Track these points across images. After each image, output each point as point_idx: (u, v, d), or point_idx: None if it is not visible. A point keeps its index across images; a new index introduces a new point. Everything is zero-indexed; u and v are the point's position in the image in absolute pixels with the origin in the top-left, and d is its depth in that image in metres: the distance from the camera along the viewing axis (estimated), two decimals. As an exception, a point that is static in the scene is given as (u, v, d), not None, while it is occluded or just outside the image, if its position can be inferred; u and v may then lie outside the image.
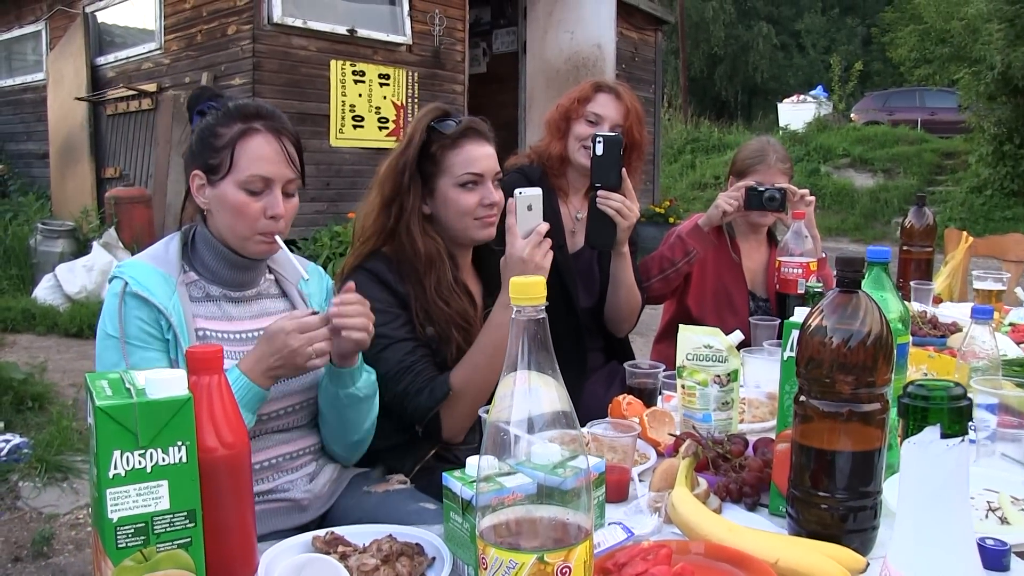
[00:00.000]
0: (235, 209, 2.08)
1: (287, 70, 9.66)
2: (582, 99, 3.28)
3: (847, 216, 18.21)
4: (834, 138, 21.38)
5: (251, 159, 2.07)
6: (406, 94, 10.62)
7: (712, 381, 2.11)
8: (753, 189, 3.44)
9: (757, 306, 3.59)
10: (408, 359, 2.39)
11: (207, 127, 2.12)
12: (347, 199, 9.86)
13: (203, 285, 2.15)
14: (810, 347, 1.48)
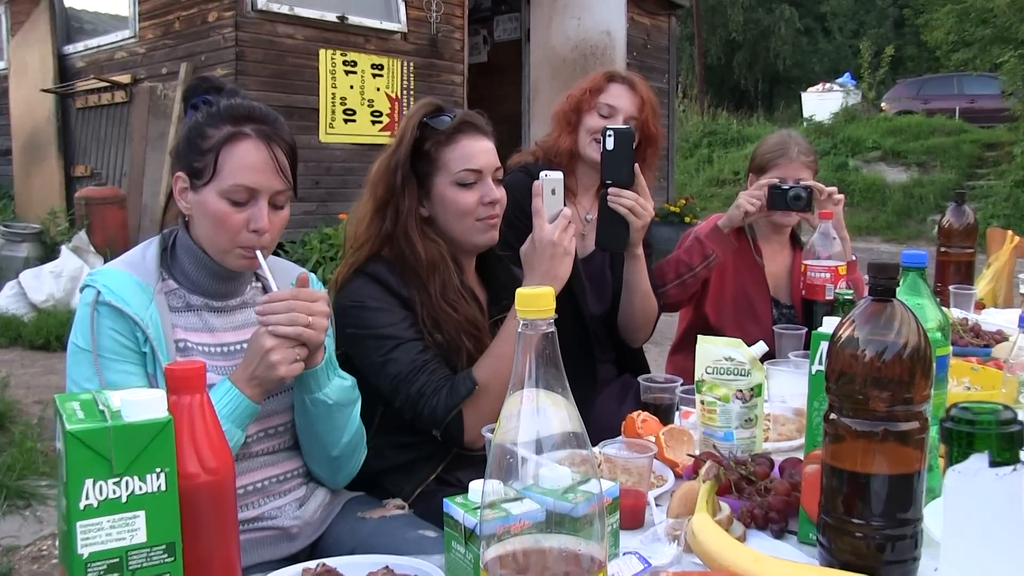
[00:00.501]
0: (215, 219, 2.07)
1: (272, 60, 9.66)
2: (594, 89, 3.30)
3: (878, 214, 18.16)
4: (863, 129, 21.31)
5: (236, 167, 2.06)
6: (401, 85, 10.63)
7: (734, 396, 2.10)
8: (777, 187, 3.44)
9: (781, 314, 3.59)
10: (421, 358, 2.40)
11: (195, 126, 2.11)
12: (338, 199, 9.87)
13: (183, 294, 2.14)
14: (841, 360, 1.47)
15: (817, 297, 3.22)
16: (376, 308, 2.44)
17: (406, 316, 2.45)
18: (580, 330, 3.17)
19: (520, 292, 1.19)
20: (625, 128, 2.98)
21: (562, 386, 1.22)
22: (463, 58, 11.40)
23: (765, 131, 23.52)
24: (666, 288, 3.44)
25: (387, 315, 2.43)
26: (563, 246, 2.37)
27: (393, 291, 2.46)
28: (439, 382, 2.38)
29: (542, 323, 1.20)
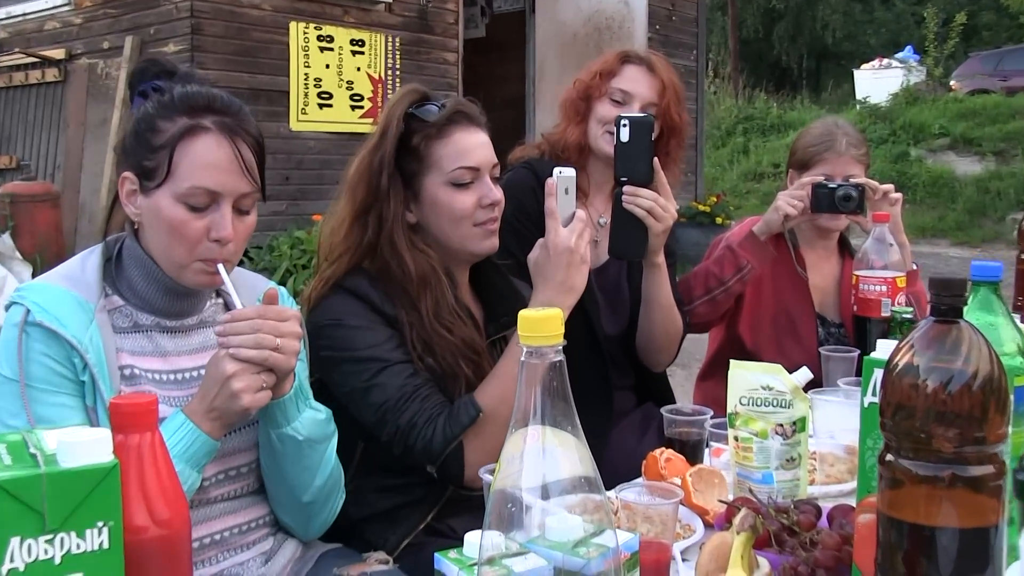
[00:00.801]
0: (171, 227, 2.07)
1: (235, 34, 9.67)
2: (606, 73, 3.30)
3: (946, 212, 18.02)
4: (928, 113, 21.18)
5: (195, 166, 2.05)
6: (385, 65, 10.66)
7: (773, 432, 2.10)
8: (822, 186, 3.44)
9: (828, 334, 3.59)
10: (411, 382, 2.40)
11: (145, 117, 2.11)
12: (311, 196, 9.88)
13: (130, 312, 2.14)
14: (898, 392, 1.46)
15: (871, 314, 3.20)
16: (356, 327, 2.44)
17: (391, 335, 2.45)
18: (594, 353, 3.18)
19: (524, 315, 1.19)
20: (642, 116, 2.98)
21: (572, 423, 1.22)
22: (457, 33, 11.43)
23: (811, 116, 23.51)
24: (693, 305, 3.44)
25: (369, 334, 2.43)
26: (580, 253, 2.41)
27: (376, 308, 2.46)
28: (434, 409, 2.38)
29: (549, 351, 1.20)
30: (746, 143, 22.66)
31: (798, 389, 2.12)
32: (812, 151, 3.56)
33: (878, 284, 3.20)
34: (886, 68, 25.36)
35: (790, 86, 34.56)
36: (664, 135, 3.29)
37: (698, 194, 14.32)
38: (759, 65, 38.03)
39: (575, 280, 2.41)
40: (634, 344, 3.30)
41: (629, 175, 2.95)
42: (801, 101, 27.80)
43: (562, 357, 1.20)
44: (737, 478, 2.15)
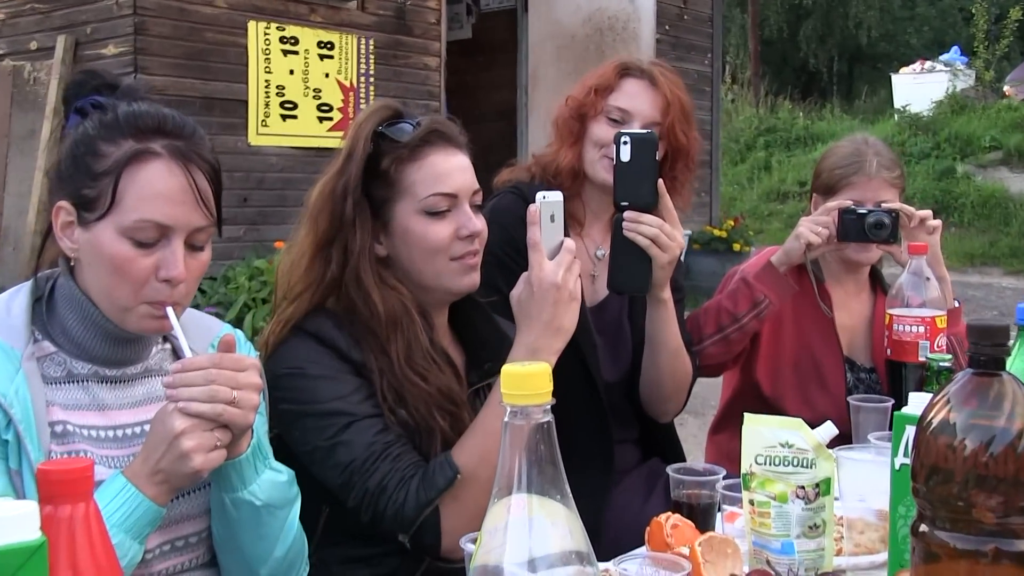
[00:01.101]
0: (113, 265, 2.06)
1: (185, 35, 9.65)
2: (602, 89, 3.30)
3: (998, 237, 17.93)
4: (977, 123, 21.06)
5: (143, 196, 2.05)
6: (358, 71, 10.67)
7: (794, 495, 2.10)
8: (851, 211, 3.44)
9: (858, 380, 3.59)
10: (381, 439, 2.41)
11: (84, 139, 2.11)
12: (272, 220, 9.87)
13: (63, 360, 2.13)
14: (933, 452, 1.47)
15: (907, 358, 3.19)
16: (319, 376, 2.45)
17: (359, 386, 2.46)
18: (592, 402, 3.18)
19: (507, 371, 1.20)
20: (645, 133, 2.99)
21: (561, 491, 1.22)
22: (439, 34, 11.46)
23: (842, 127, 23.51)
24: (703, 345, 3.45)
25: (334, 385, 2.44)
26: (568, 289, 2.40)
27: (342, 354, 2.47)
28: (407, 470, 2.38)
29: (536, 410, 1.21)
30: (768, 158, 22.66)
31: (821, 446, 2.12)
32: (839, 174, 3.57)
33: (915, 324, 3.19)
34: (929, 72, 25.19)
35: (818, 93, 34.50)
36: (669, 157, 3.30)
37: (713, 217, 14.34)
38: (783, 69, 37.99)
39: (563, 320, 2.40)
40: (637, 391, 3.30)
41: (630, 199, 2.96)
42: (831, 110, 27.75)
43: (550, 417, 1.21)
44: (753, 548, 2.15)
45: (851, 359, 3.62)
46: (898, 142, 20.75)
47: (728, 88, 25.31)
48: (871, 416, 2.93)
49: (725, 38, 24.12)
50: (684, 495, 2.44)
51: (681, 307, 3.34)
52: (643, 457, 3.46)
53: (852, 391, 3.46)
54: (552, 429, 1.21)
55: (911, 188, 18.43)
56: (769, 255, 3.54)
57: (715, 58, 15.07)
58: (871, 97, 32.00)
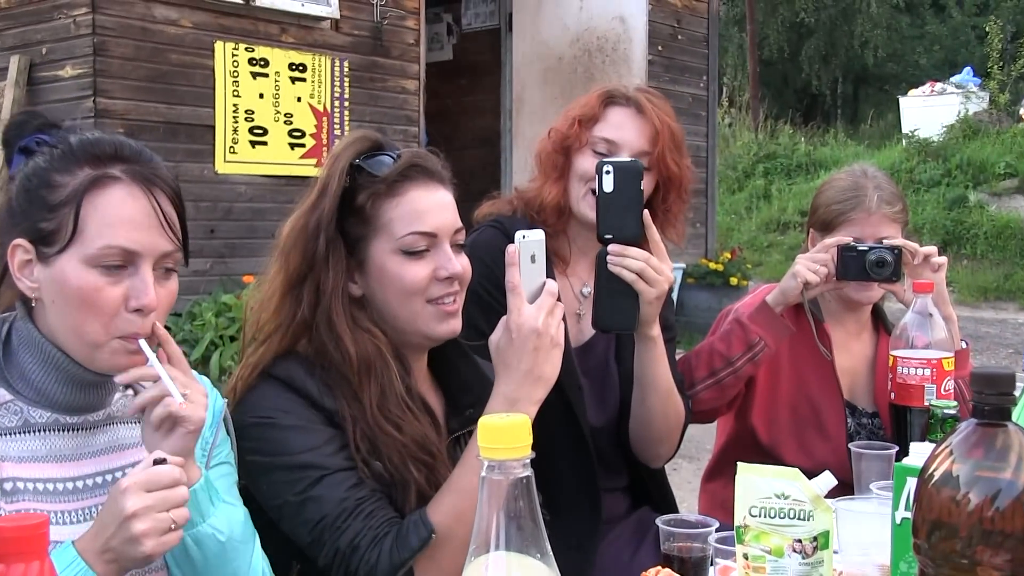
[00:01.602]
0: (81, 297, 2.08)
1: (148, 56, 9.59)
2: (586, 119, 3.32)
3: (1014, 270, 17.81)
4: (991, 148, 20.99)
5: (106, 222, 2.08)
6: (331, 94, 10.66)
7: (790, 549, 2.11)
8: (850, 248, 3.45)
9: (860, 425, 3.60)
10: (353, 495, 2.40)
11: (36, 173, 2.12)
12: (241, 253, 9.84)
13: (20, 409, 2.14)
14: (935, 506, 1.47)
15: (912, 403, 3.20)
16: (290, 427, 2.45)
17: (332, 437, 2.46)
18: (578, 449, 3.18)
19: (484, 424, 1.21)
20: (628, 162, 3.01)
21: (541, 549, 1.23)
22: (418, 55, 11.44)
23: (846, 153, 23.53)
24: (696, 390, 3.45)
25: (306, 436, 2.44)
26: (550, 335, 2.39)
27: (313, 402, 2.47)
28: (380, 528, 2.37)
29: (515, 464, 1.22)
30: (767, 186, 22.68)
31: (819, 498, 2.13)
32: (836, 209, 3.57)
33: (920, 367, 3.19)
34: (939, 94, 25.08)
35: (821, 117, 34.53)
36: (661, 188, 3.31)
37: (709, 249, 14.34)
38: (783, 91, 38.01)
39: (544, 368, 2.39)
40: (626, 436, 3.30)
41: (614, 232, 2.96)
42: (835, 135, 27.73)
43: (530, 472, 1.21)
44: (747, 605, 2.16)
45: (852, 403, 3.62)
46: (906, 169, 20.79)
47: (725, 112, 25.38)
48: (874, 464, 2.92)
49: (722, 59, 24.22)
50: (675, 548, 2.44)
51: (672, 347, 3.34)
52: (632, 506, 3.46)
53: (853, 437, 3.47)
54: (532, 484, 1.22)
55: (920, 218, 18.47)
56: (765, 294, 3.53)
57: (711, 80, 15.07)
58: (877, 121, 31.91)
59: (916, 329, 3.25)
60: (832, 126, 30.68)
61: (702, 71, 14.89)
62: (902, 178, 20.22)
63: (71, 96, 9.22)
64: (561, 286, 3.29)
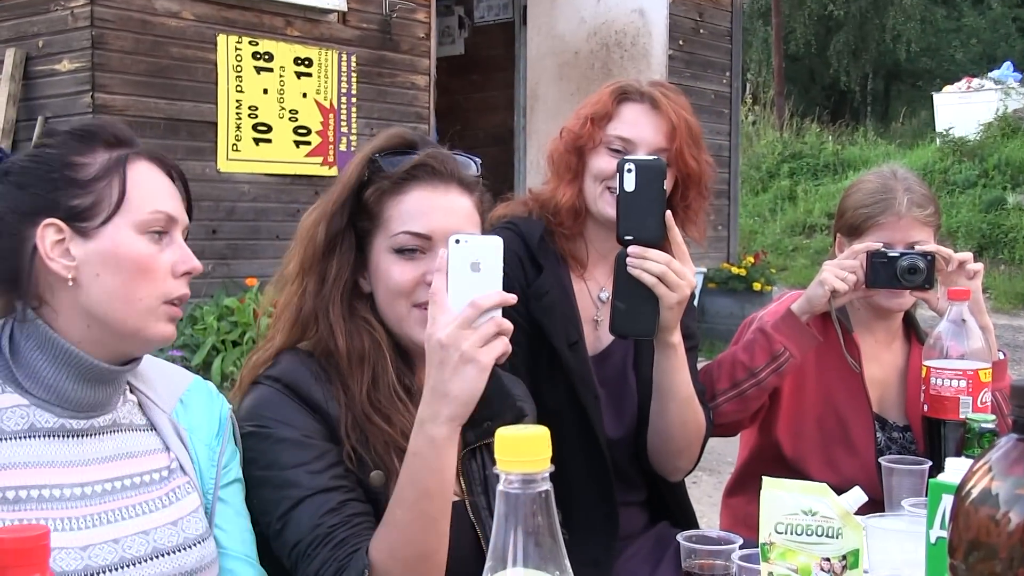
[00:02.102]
0: (138, 265, 2.15)
1: (148, 50, 9.63)
2: (599, 118, 3.31)
3: (1054, 277, 17.95)
4: (1032, 148, 21.20)
5: (147, 189, 2.17)
6: (338, 90, 10.68)
7: (818, 568, 2.11)
8: (881, 255, 3.42)
9: (891, 439, 3.59)
10: (326, 521, 2.40)
11: (51, 160, 2.17)
12: (244, 255, 9.86)
13: (27, 413, 2.16)
14: (973, 525, 1.46)
15: (946, 416, 3.17)
16: (283, 440, 2.47)
17: (324, 452, 2.47)
18: (594, 462, 3.19)
19: (501, 435, 1.21)
20: (651, 160, 3.00)
21: (560, 566, 1.23)
22: (429, 49, 11.48)
23: (876, 152, 23.50)
24: (718, 402, 3.44)
25: (297, 452, 2.46)
26: (459, 349, 2.25)
27: (315, 405, 2.50)
28: (343, 559, 2.36)
29: (533, 478, 1.21)
30: (793, 187, 22.68)
31: (848, 515, 2.12)
32: (864, 213, 3.55)
33: (956, 378, 3.16)
34: (976, 91, 24.91)
35: (850, 114, 34.42)
36: (680, 186, 3.31)
37: (731, 253, 14.34)
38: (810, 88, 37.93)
39: (450, 386, 2.25)
40: (644, 448, 3.30)
41: (635, 233, 2.95)
42: (864, 134, 27.67)
43: (548, 486, 1.21)
44: (773, 626, 2.16)
45: (882, 416, 3.61)
46: (940, 169, 20.78)
47: (749, 109, 25.38)
48: (905, 479, 2.90)
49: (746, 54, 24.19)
50: (696, 566, 2.44)
51: (694, 356, 3.33)
52: (650, 521, 3.46)
53: (883, 452, 3.44)
54: (551, 498, 1.22)
55: (954, 221, 18.46)
56: (790, 302, 3.52)
57: (734, 76, 15.08)
58: (910, 119, 31.84)
59: (951, 338, 3.21)
60: (861, 124, 30.59)
61: (725, 67, 14.89)
62: (936, 179, 20.21)
63: (69, 91, 9.25)
64: (578, 290, 3.31)
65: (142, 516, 2.22)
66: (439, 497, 2.29)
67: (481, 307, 2.27)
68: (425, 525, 2.29)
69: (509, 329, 2.29)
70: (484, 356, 2.26)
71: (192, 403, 2.41)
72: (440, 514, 2.31)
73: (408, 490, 2.32)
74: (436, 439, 2.25)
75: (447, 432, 2.27)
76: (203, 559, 2.25)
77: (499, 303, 2.29)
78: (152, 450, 2.30)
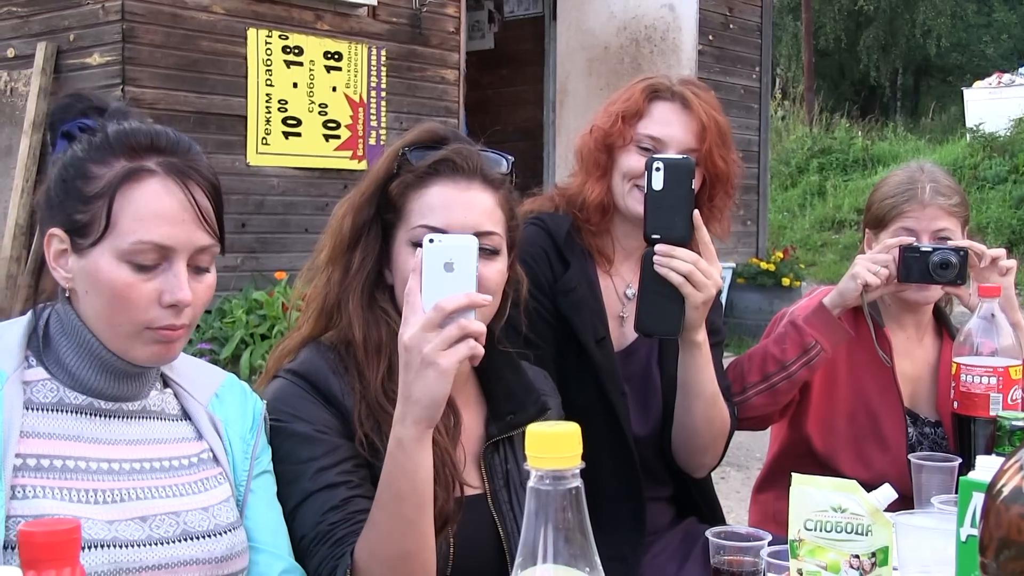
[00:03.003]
0: (113, 292, 2.12)
1: (178, 43, 9.64)
2: (630, 115, 3.30)
3: (1089, 277, 17.88)
4: (1065, 145, 21.11)
5: (139, 217, 2.12)
6: (368, 84, 10.68)
7: (847, 565, 2.10)
8: (913, 249, 3.42)
9: (922, 435, 3.58)
10: (328, 518, 2.42)
11: (73, 163, 2.16)
12: (273, 248, 9.87)
13: (57, 387, 2.18)
14: (1004, 524, 1.46)
15: (976, 413, 3.16)
16: (297, 435, 2.49)
17: (336, 447, 2.49)
18: (621, 458, 3.19)
19: (532, 432, 1.21)
20: (680, 159, 2.99)
21: (590, 563, 1.23)
22: (459, 44, 11.47)
23: (906, 148, 23.44)
24: (747, 395, 3.44)
25: (309, 447, 2.48)
26: (420, 352, 2.22)
27: (331, 399, 2.52)
28: (338, 560, 2.37)
29: (564, 475, 1.21)
30: (822, 182, 22.62)
31: (878, 512, 2.12)
32: (889, 203, 3.55)
33: (986, 375, 3.15)
34: (1008, 86, 24.89)
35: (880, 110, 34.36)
36: (708, 185, 3.30)
37: (760, 248, 14.31)
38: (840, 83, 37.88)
39: (413, 388, 2.23)
40: (669, 445, 3.30)
41: (662, 232, 2.94)
42: (894, 129, 27.63)
43: (579, 483, 1.21)
44: (802, 623, 2.16)
45: (913, 412, 3.60)
46: (970, 165, 20.71)
47: (778, 104, 25.31)
48: (935, 476, 2.89)
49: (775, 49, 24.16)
50: (725, 562, 2.43)
51: (719, 352, 3.33)
52: (677, 516, 3.45)
53: (914, 448, 3.44)
54: (581, 495, 1.22)
55: (984, 217, 18.39)
56: (821, 296, 3.51)
57: (764, 71, 15.05)
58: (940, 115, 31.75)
59: (981, 335, 3.20)
60: (891, 120, 30.58)
61: (755, 62, 14.87)
62: (966, 175, 20.16)
63: (99, 84, 9.25)
64: (604, 287, 3.30)
65: (172, 498, 2.23)
66: (412, 498, 2.27)
67: (445, 310, 2.21)
68: (402, 527, 2.29)
69: (477, 331, 2.22)
70: (444, 360, 2.20)
71: (227, 397, 2.42)
72: (416, 515, 2.29)
73: (383, 492, 2.32)
74: (404, 441, 2.24)
75: (414, 434, 2.25)
76: (233, 548, 2.26)
77: (466, 305, 2.23)
78: (183, 438, 2.31)
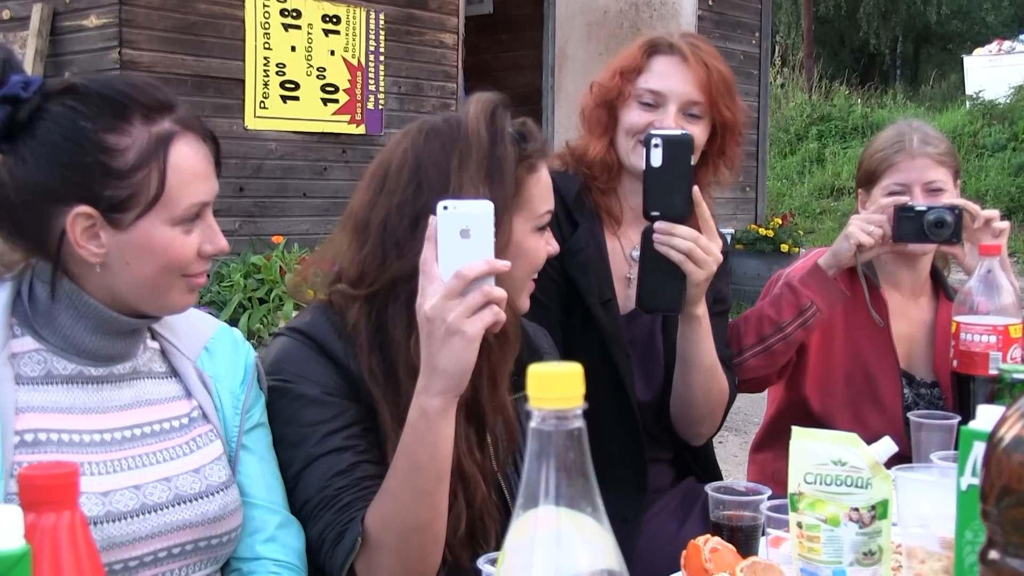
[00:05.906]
0: (167, 256, 2.14)
1: (176, 6, 9.61)
2: (629, 71, 3.29)
3: (1085, 241, 17.87)
4: (1063, 111, 21.08)
5: (184, 181, 2.14)
6: (366, 48, 10.66)
7: (847, 518, 2.10)
8: (907, 208, 3.40)
9: (918, 395, 3.58)
10: (335, 483, 2.40)
11: (86, 139, 2.10)
12: (271, 212, 9.87)
13: (45, 358, 2.16)
14: (1005, 471, 1.46)
15: (976, 371, 3.15)
16: (303, 397, 2.47)
17: (343, 411, 2.46)
18: (624, 418, 3.20)
19: (533, 371, 1.21)
20: (679, 135, 2.97)
21: (592, 504, 1.23)
22: (457, 8, 11.46)
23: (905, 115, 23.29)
24: (744, 357, 3.44)
25: (316, 409, 2.45)
26: (444, 322, 2.19)
27: (336, 359, 2.49)
28: (344, 525, 2.36)
29: (568, 415, 1.21)
30: (821, 150, 22.60)
31: (878, 465, 2.12)
32: (879, 157, 3.55)
33: (985, 333, 3.14)
34: (1007, 53, 24.82)
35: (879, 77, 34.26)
36: (717, 135, 3.29)
37: (759, 215, 14.31)
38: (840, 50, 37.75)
39: (438, 359, 2.20)
40: (668, 411, 3.31)
41: (662, 209, 2.93)
42: (893, 96, 27.57)
43: (581, 423, 1.21)
44: (801, 574, 2.16)
45: (909, 373, 3.60)
46: (969, 132, 20.72)
47: (777, 71, 25.28)
48: (934, 434, 2.89)
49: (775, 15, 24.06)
50: (724, 516, 2.44)
51: (724, 320, 3.35)
52: (677, 478, 3.47)
53: (911, 408, 3.43)
54: (584, 436, 1.21)
55: (983, 184, 18.38)
56: (817, 257, 3.51)
57: (763, 37, 15.03)
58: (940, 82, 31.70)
59: (981, 294, 3.19)
60: (891, 87, 30.51)
61: (754, 27, 14.85)
62: (965, 142, 20.17)
63: (95, 47, 9.25)
64: (611, 248, 3.30)
65: (164, 463, 2.23)
66: (431, 469, 2.26)
67: (467, 277, 2.18)
68: (417, 497, 2.28)
69: (500, 298, 2.20)
70: (470, 327, 2.18)
71: (217, 350, 2.41)
72: (433, 487, 2.28)
73: (401, 461, 2.30)
74: (428, 411, 2.23)
75: (440, 404, 2.23)
76: (226, 507, 2.26)
77: (487, 272, 2.19)
78: (173, 397, 2.31)
